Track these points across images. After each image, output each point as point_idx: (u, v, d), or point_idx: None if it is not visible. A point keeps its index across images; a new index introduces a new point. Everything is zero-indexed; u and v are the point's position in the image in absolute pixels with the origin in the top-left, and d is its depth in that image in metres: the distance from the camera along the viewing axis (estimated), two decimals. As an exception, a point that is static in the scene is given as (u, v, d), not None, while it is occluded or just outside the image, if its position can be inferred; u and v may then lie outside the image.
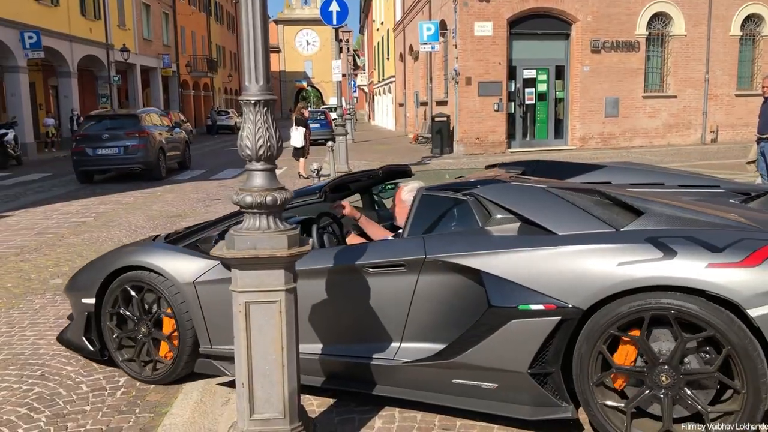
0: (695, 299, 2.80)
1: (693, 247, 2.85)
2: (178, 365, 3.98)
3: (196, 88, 47.64)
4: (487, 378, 3.17)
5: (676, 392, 2.89)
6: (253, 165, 2.79)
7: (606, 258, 2.93)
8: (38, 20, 23.51)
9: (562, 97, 20.96)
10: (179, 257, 4.03)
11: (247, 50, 2.73)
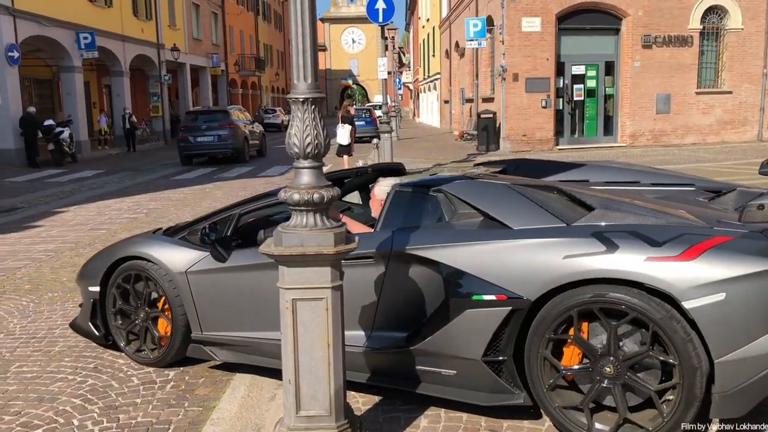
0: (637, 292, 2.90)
1: (634, 241, 2.96)
2: (171, 349, 4.23)
3: (244, 86, 48.30)
4: (446, 365, 3.30)
5: (623, 380, 2.99)
6: (301, 163, 2.80)
7: (554, 251, 3.06)
8: (92, 21, 24.15)
9: (612, 93, 20.53)
10: (173, 248, 4.27)
11: (296, 48, 2.74)
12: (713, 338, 2.83)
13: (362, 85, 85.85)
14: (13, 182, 16.21)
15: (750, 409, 2.93)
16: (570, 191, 3.61)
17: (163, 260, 4.22)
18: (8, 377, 4.26)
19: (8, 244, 8.70)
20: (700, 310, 2.82)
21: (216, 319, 4.08)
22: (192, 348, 4.24)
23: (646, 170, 4.49)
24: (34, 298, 6.09)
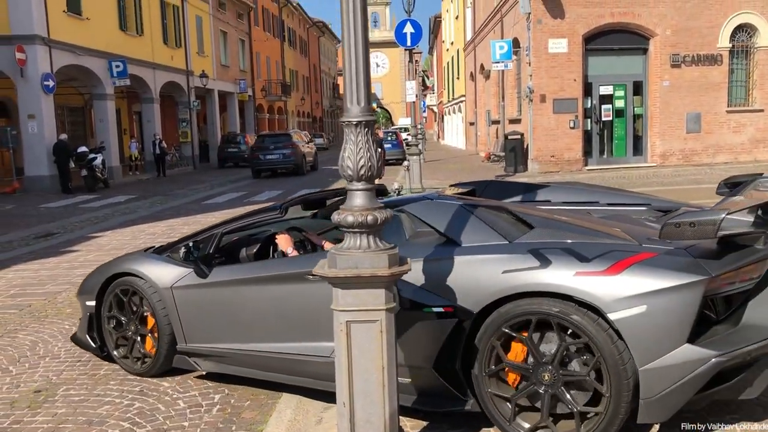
0: (567, 304, 3.09)
1: (565, 257, 3.17)
2: (158, 360, 4.54)
3: (271, 111, 48.86)
4: (402, 373, 3.37)
5: (555, 390, 3.16)
6: (354, 185, 2.82)
7: (495, 266, 3.28)
8: (124, 49, 24.70)
9: (641, 113, 20.39)
10: (161, 265, 4.60)
11: (350, 73, 2.78)
12: (637, 347, 3.01)
13: (386, 108, 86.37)
14: (48, 208, 16.50)
15: (672, 414, 3.06)
16: (516, 211, 3.83)
17: (152, 276, 4.53)
18: (57, 400, 4.31)
19: (48, 268, 8.84)
20: (624, 321, 3.00)
21: (199, 332, 4.39)
22: (177, 359, 4.53)
23: (606, 191, 4.70)
24: (75, 321, 6.14)
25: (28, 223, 13.80)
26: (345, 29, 2.76)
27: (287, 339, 3.97)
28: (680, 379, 2.98)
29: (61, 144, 19.69)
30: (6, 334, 5.86)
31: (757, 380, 3.13)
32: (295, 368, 3.98)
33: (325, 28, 72.99)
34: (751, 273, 3.15)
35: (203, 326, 4.36)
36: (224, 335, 4.27)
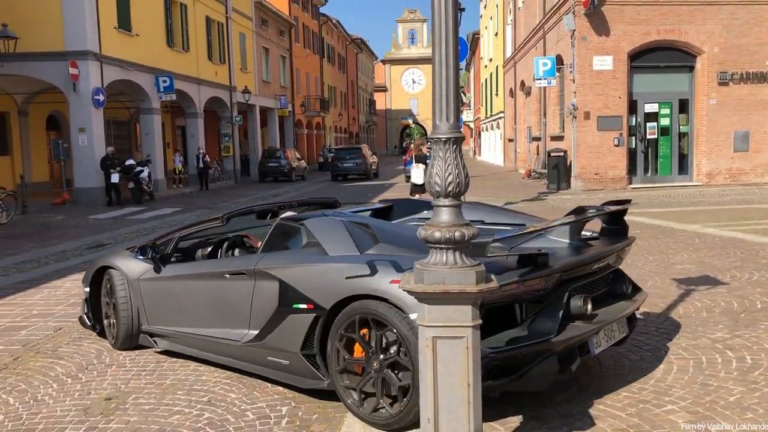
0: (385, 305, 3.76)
1: (388, 267, 3.84)
2: (118, 338, 5.62)
3: (309, 126, 49.37)
4: (282, 357, 4.37)
5: (382, 375, 3.81)
6: (441, 201, 2.85)
7: (342, 273, 4.00)
8: (171, 65, 25.26)
9: (687, 131, 20.10)
10: (133, 261, 5.62)
11: (439, 91, 2.81)
12: None
13: (422, 124, 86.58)
14: (97, 219, 16.88)
15: None
16: (371, 225, 4.48)
17: (125, 270, 5.60)
18: (128, 408, 4.39)
19: (103, 278, 9.02)
20: None
21: (156, 316, 5.43)
22: (141, 337, 5.58)
23: (496, 211, 5.29)
24: (137, 331, 6.27)
25: (80, 233, 14.13)
26: (436, 50, 2.80)
27: (212, 325, 4.94)
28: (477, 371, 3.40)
29: (108, 157, 20.12)
30: (71, 341, 6.00)
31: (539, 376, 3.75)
32: (218, 349, 4.92)
33: (363, 45, 73.65)
34: (537, 286, 3.72)
35: (158, 311, 5.40)
36: (172, 319, 5.30)
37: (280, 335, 4.35)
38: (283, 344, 4.34)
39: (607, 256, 4.30)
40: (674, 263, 8.44)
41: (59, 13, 19.61)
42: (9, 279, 9.20)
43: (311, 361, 4.25)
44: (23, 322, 6.78)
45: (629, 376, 4.54)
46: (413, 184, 15.33)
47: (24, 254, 11.40)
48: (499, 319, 3.70)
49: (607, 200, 5.01)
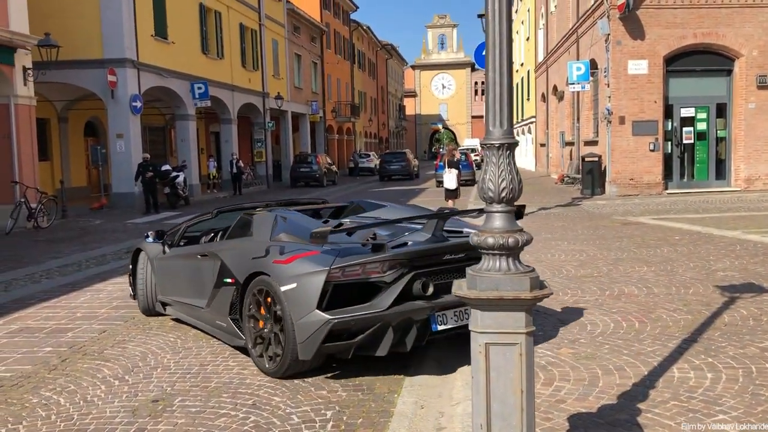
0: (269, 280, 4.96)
1: (276, 250, 5.07)
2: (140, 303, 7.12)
3: (340, 132, 49.61)
4: (221, 320, 5.65)
5: (273, 334, 4.98)
6: (494, 207, 2.84)
7: (251, 254, 5.27)
8: (206, 72, 25.63)
9: (724, 136, 19.76)
10: (154, 244, 7.02)
11: (493, 96, 2.81)
12: (293, 309, 4.73)
13: (451, 129, 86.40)
14: (135, 224, 17.15)
15: (312, 354, 4.68)
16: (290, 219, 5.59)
17: (148, 251, 7.01)
18: (174, 410, 4.46)
19: (144, 282, 9.16)
20: (287, 292, 4.78)
21: (164, 288, 6.77)
22: (157, 305, 6.89)
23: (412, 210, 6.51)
24: (180, 334, 6.37)
25: (118, 238, 14.39)
26: (490, 56, 2.80)
27: (191, 295, 6.22)
28: (313, 331, 4.63)
29: (145, 163, 20.31)
30: (116, 344, 6.11)
31: (382, 342, 4.72)
32: (194, 314, 6.17)
33: (393, 51, 73.81)
34: (378, 269, 4.69)
35: (164, 284, 6.73)
36: (171, 291, 6.62)
37: (218, 303, 5.70)
38: (220, 310, 5.64)
39: (460, 250, 5.03)
40: (716, 270, 8.30)
41: (98, 22, 20.05)
42: (53, 282, 9.40)
43: (236, 324, 5.45)
44: (69, 324, 6.92)
45: (677, 384, 4.48)
46: (446, 189, 15.29)
47: (65, 258, 11.64)
48: (351, 295, 4.75)
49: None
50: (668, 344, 5.34)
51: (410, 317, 4.72)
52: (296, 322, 4.67)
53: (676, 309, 6.45)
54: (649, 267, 8.64)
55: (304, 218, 5.73)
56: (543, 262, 9.21)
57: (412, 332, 4.78)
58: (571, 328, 5.91)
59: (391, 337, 4.69)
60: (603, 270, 8.57)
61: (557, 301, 6.85)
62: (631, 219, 14.07)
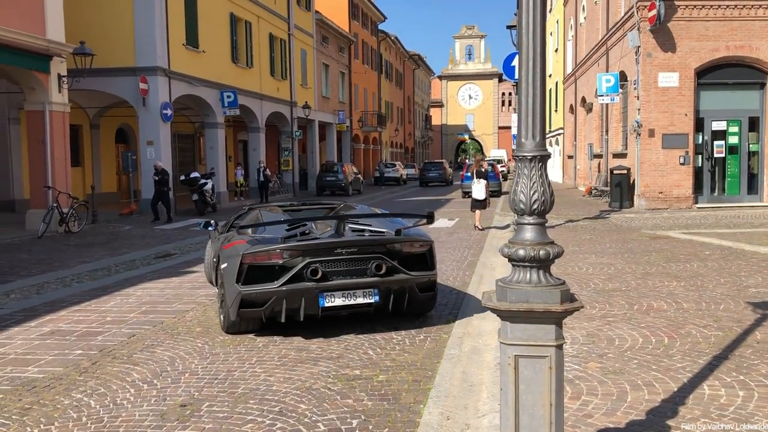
0: None
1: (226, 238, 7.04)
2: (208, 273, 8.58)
3: (366, 141, 49.76)
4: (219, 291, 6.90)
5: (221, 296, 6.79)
6: (525, 219, 2.84)
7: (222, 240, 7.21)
8: (235, 81, 25.92)
9: (757, 150, 19.44)
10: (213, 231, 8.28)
11: (525, 108, 2.82)
12: (226, 283, 6.42)
13: (477, 139, 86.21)
14: (163, 230, 17.37)
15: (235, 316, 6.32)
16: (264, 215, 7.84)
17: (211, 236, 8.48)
18: (202, 415, 4.50)
19: (172, 287, 9.29)
20: (222, 269, 6.60)
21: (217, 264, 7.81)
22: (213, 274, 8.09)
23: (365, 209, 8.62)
24: (207, 340, 6.43)
25: (147, 243, 14.58)
26: (523, 68, 2.81)
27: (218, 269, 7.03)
28: (233, 299, 6.22)
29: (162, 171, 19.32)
30: (145, 348, 6.19)
31: (281, 312, 6.19)
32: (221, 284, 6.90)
33: (420, 61, 73.96)
34: (279, 255, 6.17)
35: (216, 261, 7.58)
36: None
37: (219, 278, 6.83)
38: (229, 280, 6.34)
39: (350, 246, 6.27)
40: (747, 286, 8.16)
41: (131, 31, 20.41)
42: (83, 286, 9.56)
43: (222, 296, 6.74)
44: (99, 328, 7.03)
45: (707, 401, 4.41)
46: (474, 200, 15.25)
47: (95, 262, 11.83)
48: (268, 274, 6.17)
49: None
50: (698, 360, 5.26)
51: (300, 294, 6.09)
52: (226, 292, 6.36)
53: (707, 325, 6.35)
54: (679, 282, 8.53)
55: (278, 216, 7.78)
56: (570, 274, 9.14)
57: (302, 306, 6.14)
58: (599, 342, 5.85)
59: (285, 308, 6.14)
60: (631, 284, 8.47)
61: (585, 315, 6.79)
62: (660, 233, 13.90)
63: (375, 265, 6.21)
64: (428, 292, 6.71)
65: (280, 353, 5.92)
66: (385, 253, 6.35)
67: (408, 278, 6.36)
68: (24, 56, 15.54)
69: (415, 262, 6.56)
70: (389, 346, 6.11)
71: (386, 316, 6.97)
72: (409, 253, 6.55)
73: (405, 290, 6.43)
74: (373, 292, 6.22)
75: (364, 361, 5.65)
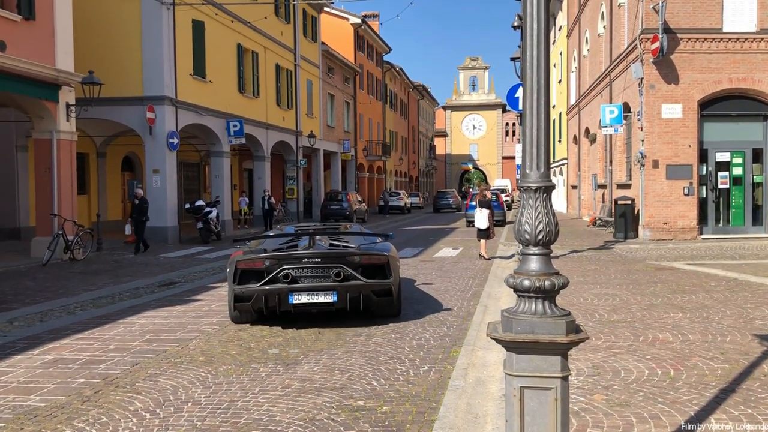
0: None
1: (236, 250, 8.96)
2: None
3: (370, 170, 49.97)
4: None
5: None
6: (530, 249, 2.85)
7: None
8: (241, 110, 26.16)
9: (761, 181, 19.45)
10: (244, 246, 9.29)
11: (530, 140, 2.84)
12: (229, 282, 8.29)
13: (481, 169, 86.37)
14: (167, 258, 17.39)
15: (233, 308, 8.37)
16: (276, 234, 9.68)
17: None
18: (205, 446, 4.46)
19: (176, 316, 9.27)
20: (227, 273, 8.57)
21: None
22: None
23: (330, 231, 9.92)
24: (210, 369, 6.40)
25: (152, 271, 14.58)
26: (528, 100, 2.84)
27: None
28: (231, 295, 8.06)
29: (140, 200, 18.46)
30: (148, 377, 6.16)
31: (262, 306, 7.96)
32: None
33: (424, 91, 74.55)
34: (261, 263, 7.82)
35: None
36: None
37: None
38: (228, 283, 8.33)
39: (316, 257, 7.86)
40: (754, 318, 8.11)
41: (140, 61, 20.67)
42: (87, 314, 9.55)
43: None
44: (102, 356, 7.01)
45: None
46: (478, 229, 15.25)
47: (99, 290, 11.83)
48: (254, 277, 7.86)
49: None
50: (705, 393, 5.21)
51: (273, 293, 7.74)
52: (228, 290, 8.28)
53: (713, 357, 6.31)
54: (684, 313, 8.48)
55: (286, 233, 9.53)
56: (575, 305, 9.09)
57: (276, 301, 7.80)
58: (605, 374, 5.81)
59: (264, 303, 7.88)
60: (637, 315, 8.43)
61: (590, 346, 6.74)
62: (665, 264, 13.86)
63: (335, 273, 7.75)
64: (385, 296, 8.14)
65: (284, 383, 5.88)
66: (345, 263, 7.89)
67: (362, 284, 7.84)
68: (33, 85, 15.75)
69: (375, 271, 8.02)
70: (393, 376, 6.07)
71: (391, 342, 6.93)
72: (368, 263, 8.03)
73: (360, 294, 7.92)
74: (333, 293, 7.75)
75: (368, 391, 5.62)
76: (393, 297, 8.21)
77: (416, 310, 9.25)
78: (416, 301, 9.99)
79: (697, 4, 18.66)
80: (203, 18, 23.28)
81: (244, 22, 26.24)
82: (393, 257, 8.30)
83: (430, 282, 12.09)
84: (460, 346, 7.16)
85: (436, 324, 8.38)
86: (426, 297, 10.44)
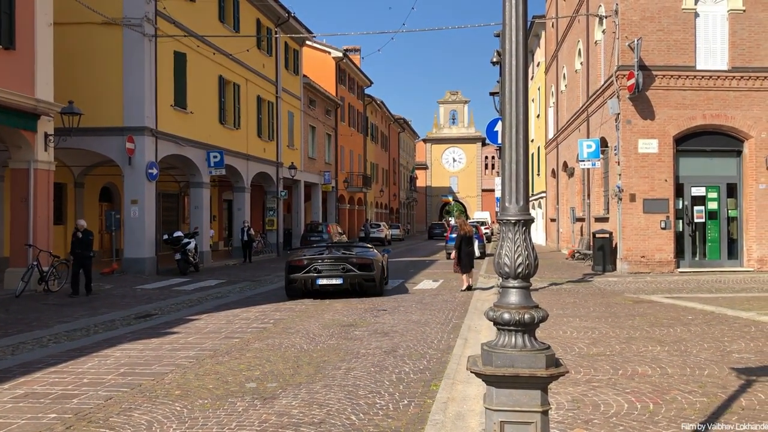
0: None
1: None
2: None
3: (351, 202, 50.04)
4: None
5: None
6: (510, 282, 2.86)
7: None
8: (222, 141, 26.15)
9: (736, 215, 19.79)
10: None
11: (509, 173, 2.87)
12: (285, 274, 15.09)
13: (461, 201, 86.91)
14: (144, 289, 17.17)
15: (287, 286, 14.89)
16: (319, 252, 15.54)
17: None
18: (179, 483, 4.35)
19: (151, 348, 9.12)
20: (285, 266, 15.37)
21: None
22: None
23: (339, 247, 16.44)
24: (186, 404, 6.28)
25: (128, 303, 14.37)
26: (507, 134, 2.88)
27: None
28: (288, 278, 14.58)
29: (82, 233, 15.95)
30: (122, 412, 6.03)
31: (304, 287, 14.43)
32: None
33: (405, 124, 75.21)
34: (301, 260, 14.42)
35: None
36: None
37: None
38: None
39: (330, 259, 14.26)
40: (731, 351, 8.16)
41: (120, 92, 20.66)
42: (60, 347, 9.36)
43: None
44: (75, 390, 6.85)
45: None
46: (466, 259, 15.27)
47: (74, 322, 11.62)
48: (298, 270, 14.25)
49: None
50: (684, 427, 5.21)
51: (308, 278, 14.04)
52: (285, 277, 14.51)
53: (692, 391, 6.32)
54: (663, 347, 8.52)
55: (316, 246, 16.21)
56: (555, 338, 9.10)
57: (309, 283, 14.02)
58: (585, 408, 5.79)
59: (303, 284, 14.13)
60: (616, 348, 8.45)
61: (570, 380, 6.73)
62: (644, 297, 13.95)
63: (341, 267, 14.08)
64: (371, 282, 14.38)
65: (260, 418, 5.79)
66: (347, 262, 14.16)
67: (357, 274, 14.15)
68: (11, 115, 15.63)
69: (364, 267, 14.22)
70: (372, 411, 6.00)
71: (370, 376, 6.85)
72: (361, 263, 14.25)
73: (357, 280, 14.21)
74: (341, 278, 14.04)
75: (347, 426, 5.54)
76: (376, 282, 14.44)
77: (396, 343, 9.19)
78: (397, 334, 9.94)
79: (671, 42, 19.14)
80: (185, 50, 23.37)
81: (227, 54, 26.40)
82: (376, 260, 14.54)
83: (410, 314, 12.05)
84: (440, 379, 7.11)
85: (416, 357, 8.32)
86: (406, 329, 10.39)
